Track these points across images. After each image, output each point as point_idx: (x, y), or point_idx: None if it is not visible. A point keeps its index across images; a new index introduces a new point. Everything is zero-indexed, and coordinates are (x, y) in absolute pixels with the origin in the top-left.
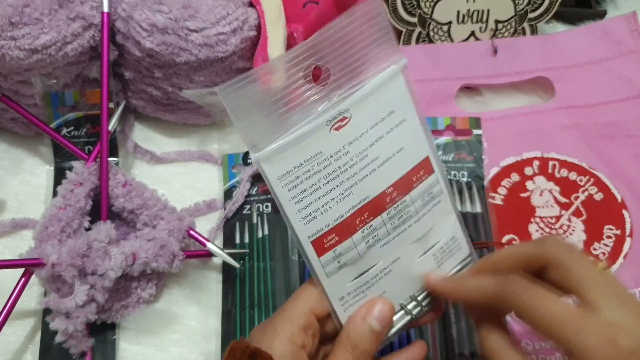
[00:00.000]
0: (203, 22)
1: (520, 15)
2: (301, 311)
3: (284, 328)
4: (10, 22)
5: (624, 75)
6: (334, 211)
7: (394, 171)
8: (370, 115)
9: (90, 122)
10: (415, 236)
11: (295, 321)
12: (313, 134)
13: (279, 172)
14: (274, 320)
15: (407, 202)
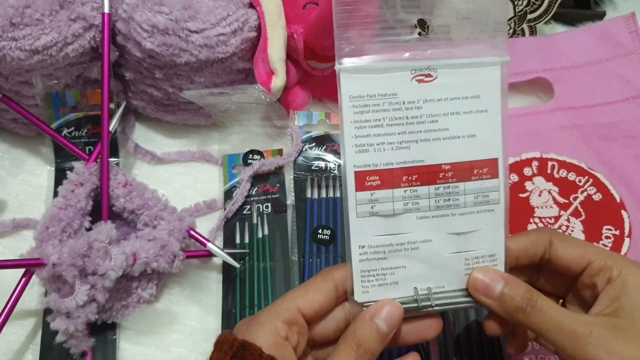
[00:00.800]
0: (203, 23)
1: (520, 16)
2: (287, 307)
3: (269, 321)
4: (11, 22)
5: (623, 76)
6: (385, 155)
7: (458, 152)
8: (455, 86)
9: (91, 122)
10: (455, 229)
11: (280, 315)
12: (396, 74)
13: (353, 92)
14: (259, 315)
15: (459, 190)
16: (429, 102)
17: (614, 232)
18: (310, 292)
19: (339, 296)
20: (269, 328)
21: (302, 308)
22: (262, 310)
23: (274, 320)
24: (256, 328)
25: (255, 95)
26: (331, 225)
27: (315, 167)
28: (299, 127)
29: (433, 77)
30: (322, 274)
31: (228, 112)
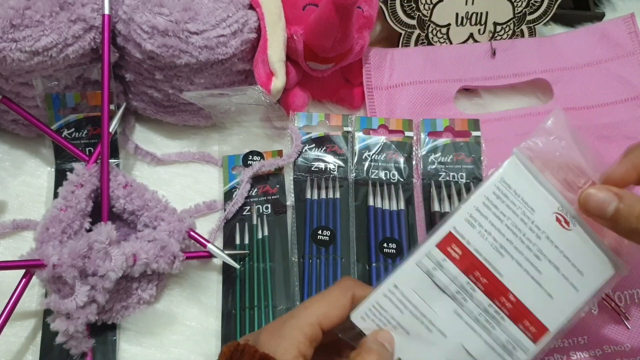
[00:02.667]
0: (203, 25)
1: (519, 18)
2: (311, 321)
3: (292, 336)
4: (11, 24)
5: (622, 77)
6: (482, 243)
7: (530, 295)
8: (575, 249)
9: (91, 123)
10: (470, 347)
11: (304, 330)
12: (548, 197)
13: (508, 178)
14: (284, 326)
15: (502, 323)
16: (549, 242)
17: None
18: (331, 307)
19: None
20: (292, 343)
21: (322, 322)
22: (286, 322)
23: (298, 336)
24: (278, 342)
25: (255, 96)
26: (331, 226)
27: (315, 168)
28: (299, 128)
29: (569, 227)
30: (342, 287)
31: (228, 113)
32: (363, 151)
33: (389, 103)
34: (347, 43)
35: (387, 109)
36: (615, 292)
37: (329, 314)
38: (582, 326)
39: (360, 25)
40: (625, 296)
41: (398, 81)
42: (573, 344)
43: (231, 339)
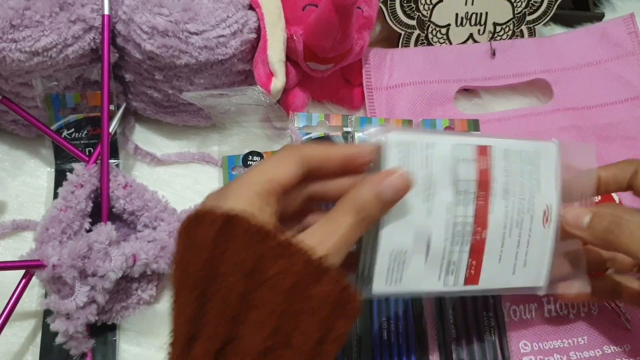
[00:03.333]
0: (203, 25)
1: (519, 18)
2: (258, 180)
3: (240, 193)
4: (11, 24)
5: (622, 77)
6: (502, 176)
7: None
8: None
9: (91, 124)
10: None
11: (251, 188)
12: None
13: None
14: (226, 188)
15: (463, 242)
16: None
17: None
18: (280, 166)
19: (307, 172)
20: (243, 199)
21: (272, 180)
22: (228, 185)
23: (246, 192)
24: (229, 200)
25: (255, 96)
26: None
27: None
28: (299, 129)
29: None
30: (289, 149)
31: (228, 114)
32: None
33: (388, 103)
34: (346, 43)
35: (386, 110)
36: None
37: (280, 171)
38: (582, 327)
39: (360, 25)
40: None
41: (398, 81)
42: (573, 345)
43: None
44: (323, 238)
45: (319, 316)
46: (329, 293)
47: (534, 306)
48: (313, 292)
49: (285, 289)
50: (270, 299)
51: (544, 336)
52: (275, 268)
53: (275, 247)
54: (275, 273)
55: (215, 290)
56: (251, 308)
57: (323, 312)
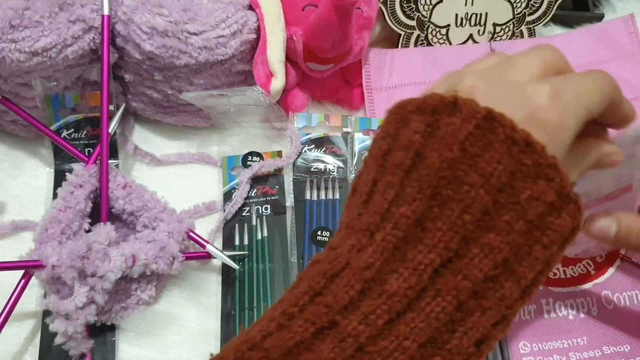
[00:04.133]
0: (203, 25)
1: (518, 18)
2: (590, 106)
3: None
4: (10, 24)
5: (622, 78)
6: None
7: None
8: None
9: (90, 124)
10: None
11: (586, 113)
12: None
13: None
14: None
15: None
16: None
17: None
18: (602, 107)
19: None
20: (579, 125)
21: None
22: (573, 92)
23: (584, 118)
24: (571, 122)
25: (254, 97)
26: (330, 227)
27: (315, 169)
28: (298, 129)
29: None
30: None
31: (227, 114)
32: (363, 152)
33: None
34: (346, 44)
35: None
36: (615, 293)
37: (598, 110)
38: (582, 327)
39: (360, 26)
40: (624, 297)
41: (397, 82)
42: (572, 345)
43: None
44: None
45: (550, 251)
46: (565, 228)
47: (533, 307)
48: (552, 225)
49: (531, 219)
50: (513, 225)
51: (543, 337)
52: (531, 191)
53: (538, 165)
54: (529, 197)
55: (455, 199)
56: (489, 230)
57: (554, 248)
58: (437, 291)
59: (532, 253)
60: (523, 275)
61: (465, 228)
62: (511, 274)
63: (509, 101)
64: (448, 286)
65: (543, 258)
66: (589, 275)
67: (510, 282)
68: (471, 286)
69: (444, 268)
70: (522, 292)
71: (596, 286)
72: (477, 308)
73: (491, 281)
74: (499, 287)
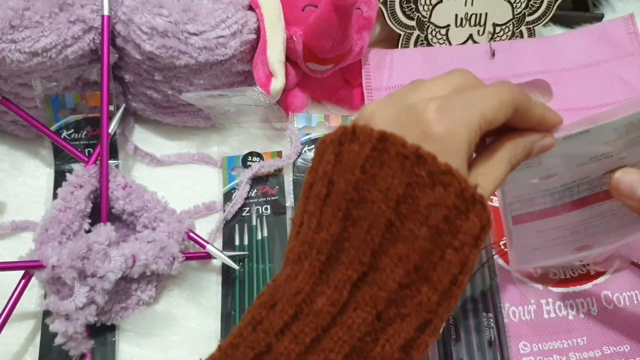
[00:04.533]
0: (203, 26)
1: (518, 19)
2: (485, 114)
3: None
4: (10, 25)
5: (622, 78)
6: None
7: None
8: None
9: (90, 124)
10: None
11: (480, 121)
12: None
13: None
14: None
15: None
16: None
17: None
18: (499, 113)
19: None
20: (472, 133)
21: (483, 125)
22: (463, 104)
23: (476, 126)
24: (462, 130)
25: (254, 97)
26: None
27: None
28: (298, 129)
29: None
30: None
31: (227, 114)
32: None
33: None
34: (346, 44)
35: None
36: (615, 294)
37: (496, 117)
38: (582, 327)
39: (360, 26)
40: (624, 298)
41: (397, 82)
42: (572, 345)
43: None
44: (486, 185)
45: (462, 253)
46: (474, 228)
47: (533, 307)
48: (461, 227)
49: (435, 223)
50: (417, 232)
51: (543, 337)
52: (428, 198)
53: (432, 173)
54: (428, 204)
55: (363, 217)
56: (396, 240)
57: (467, 249)
58: (356, 304)
59: (445, 257)
60: (438, 279)
61: (373, 242)
62: (426, 280)
63: (402, 121)
64: (366, 298)
65: (457, 260)
66: (588, 275)
67: (426, 288)
68: (387, 295)
69: (361, 282)
70: (441, 295)
71: (596, 286)
72: (397, 315)
73: (407, 288)
74: (415, 293)
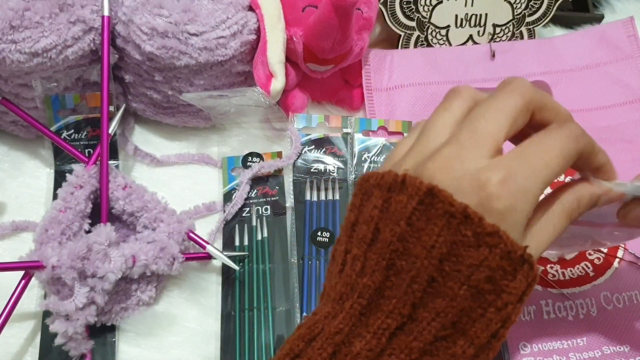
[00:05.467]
0: (203, 26)
1: (518, 19)
2: (546, 179)
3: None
4: (10, 25)
5: (621, 80)
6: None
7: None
8: None
9: (90, 125)
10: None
11: (542, 189)
12: None
13: None
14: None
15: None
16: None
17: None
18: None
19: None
20: (533, 206)
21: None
22: (523, 173)
23: (538, 196)
24: (523, 206)
25: (254, 97)
26: (330, 228)
27: (315, 170)
28: (298, 130)
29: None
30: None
31: (227, 115)
32: (362, 153)
33: (388, 105)
34: (346, 44)
35: (386, 111)
36: (614, 294)
37: (554, 178)
38: (582, 328)
39: (360, 26)
40: (623, 298)
41: (397, 83)
42: (572, 346)
43: (230, 340)
44: (541, 241)
45: (505, 312)
46: (520, 288)
47: (533, 308)
48: (506, 288)
49: (476, 284)
50: (457, 291)
51: (543, 337)
52: (472, 259)
53: (478, 235)
54: (470, 264)
55: (406, 269)
56: (437, 296)
57: (510, 308)
58: (392, 350)
59: (486, 315)
60: (475, 334)
61: (414, 295)
62: (462, 334)
63: (462, 188)
64: (401, 346)
65: (498, 318)
66: (587, 276)
67: (462, 341)
68: (422, 346)
69: (399, 331)
70: (477, 349)
71: (595, 287)
72: None
73: (443, 340)
74: (451, 345)
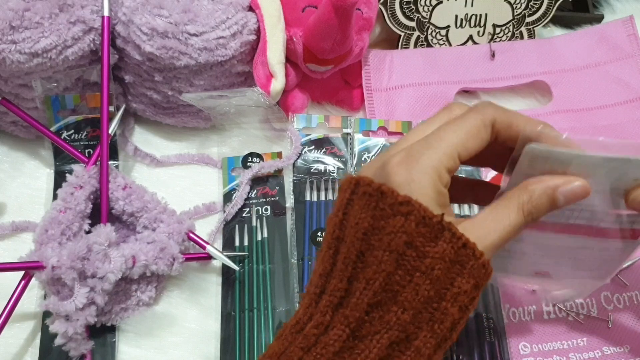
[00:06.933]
0: (203, 26)
1: (518, 19)
2: (449, 153)
3: (432, 168)
4: (10, 25)
5: (621, 79)
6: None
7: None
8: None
9: (90, 125)
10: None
11: (443, 163)
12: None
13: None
14: (419, 156)
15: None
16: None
17: None
18: (470, 140)
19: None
20: (433, 177)
21: (460, 154)
22: (420, 151)
23: (435, 168)
24: (413, 174)
25: (254, 98)
26: None
27: (315, 170)
28: (298, 130)
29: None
30: (481, 114)
31: (227, 115)
32: (362, 153)
33: (388, 105)
34: (346, 45)
35: (386, 111)
36: (614, 294)
37: (468, 145)
38: (582, 328)
39: (360, 27)
40: (624, 298)
41: (397, 83)
42: (572, 346)
43: (230, 340)
44: (488, 232)
45: (432, 275)
46: (445, 252)
47: (533, 308)
48: (428, 251)
49: (396, 248)
50: (381, 258)
51: (543, 338)
52: (390, 227)
53: (392, 205)
54: (389, 232)
55: (342, 251)
56: (365, 266)
57: (437, 271)
58: (334, 324)
59: (413, 279)
60: (406, 299)
61: (347, 270)
62: (394, 300)
63: (377, 175)
64: (341, 319)
65: (427, 282)
66: None
67: (395, 307)
68: (358, 315)
69: (340, 306)
70: (412, 316)
71: None
72: (368, 333)
73: (377, 307)
74: (385, 312)
